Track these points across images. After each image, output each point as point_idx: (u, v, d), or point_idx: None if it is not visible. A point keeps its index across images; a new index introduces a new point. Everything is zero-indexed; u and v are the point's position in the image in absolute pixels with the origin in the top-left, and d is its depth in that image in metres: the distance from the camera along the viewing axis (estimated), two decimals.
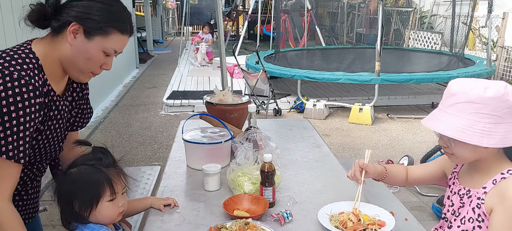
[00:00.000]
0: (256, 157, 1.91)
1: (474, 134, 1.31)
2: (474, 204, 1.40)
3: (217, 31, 4.35)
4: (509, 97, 1.32)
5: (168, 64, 11.41)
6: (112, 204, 1.43)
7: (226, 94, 2.45)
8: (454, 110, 1.36)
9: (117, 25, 1.41)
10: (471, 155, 1.40)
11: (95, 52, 1.40)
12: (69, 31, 1.36)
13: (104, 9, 1.39)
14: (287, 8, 11.31)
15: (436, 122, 1.39)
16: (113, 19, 1.41)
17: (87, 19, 1.36)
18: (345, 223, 1.54)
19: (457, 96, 1.35)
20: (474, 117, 1.32)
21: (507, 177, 1.35)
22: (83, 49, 1.39)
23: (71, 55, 1.40)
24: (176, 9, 20.35)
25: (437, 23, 10.85)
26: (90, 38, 1.38)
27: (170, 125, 6.00)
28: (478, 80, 1.38)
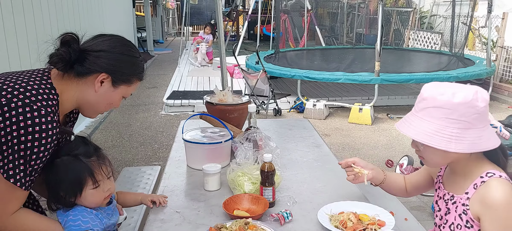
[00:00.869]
0: (256, 157, 1.92)
1: (442, 139, 1.32)
2: (460, 211, 1.40)
3: (217, 31, 4.35)
4: (478, 103, 1.32)
5: (168, 64, 11.41)
6: (96, 191, 1.50)
7: (226, 94, 2.45)
8: (424, 114, 1.37)
9: (139, 75, 1.57)
10: (442, 160, 1.42)
11: (117, 99, 1.55)
12: (97, 80, 1.46)
13: (131, 63, 1.53)
14: (287, 8, 11.32)
15: (407, 126, 1.40)
16: (137, 71, 1.56)
17: (117, 71, 1.48)
18: (345, 223, 1.54)
19: (427, 101, 1.36)
20: (443, 122, 1.32)
21: (486, 181, 1.34)
22: (107, 96, 1.51)
23: (94, 101, 1.50)
24: (176, 9, 20.35)
25: (437, 23, 10.85)
26: (116, 87, 1.51)
27: (170, 125, 6.00)
28: (449, 85, 1.37)
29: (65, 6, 4.97)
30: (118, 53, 1.49)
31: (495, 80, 7.69)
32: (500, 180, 1.33)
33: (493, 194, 1.30)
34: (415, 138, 1.36)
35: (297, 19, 11.63)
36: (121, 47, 1.51)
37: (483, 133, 1.33)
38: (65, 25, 4.85)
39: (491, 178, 1.34)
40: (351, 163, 1.73)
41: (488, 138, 1.34)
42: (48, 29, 4.24)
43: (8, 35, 3.43)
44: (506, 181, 1.33)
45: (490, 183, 1.33)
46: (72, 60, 1.42)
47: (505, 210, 1.29)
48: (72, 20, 5.27)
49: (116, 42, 1.51)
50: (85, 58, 1.44)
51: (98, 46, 1.47)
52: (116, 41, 1.52)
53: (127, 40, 1.58)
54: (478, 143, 1.32)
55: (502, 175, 1.35)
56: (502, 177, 1.34)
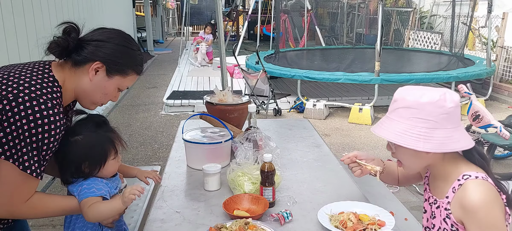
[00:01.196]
0: (256, 157, 1.91)
1: (410, 138, 1.34)
2: (443, 215, 1.41)
3: (217, 31, 4.35)
4: (445, 104, 1.34)
5: (168, 64, 11.41)
6: (115, 161, 1.66)
7: (226, 94, 2.45)
8: (395, 115, 1.41)
9: (135, 68, 1.57)
10: (415, 161, 1.43)
11: (112, 89, 1.55)
12: (92, 68, 1.48)
13: (127, 54, 1.54)
14: (287, 8, 11.32)
15: (379, 128, 1.44)
16: (133, 63, 1.56)
17: (111, 61, 1.50)
18: (345, 223, 1.54)
19: (397, 102, 1.41)
20: (411, 122, 1.35)
21: (463, 184, 1.35)
22: (102, 86, 1.52)
23: (89, 89, 1.51)
24: (176, 9, 20.35)
25: (437, 23, 10.85)
26: (110, 76, 1.51)
27: (170, 125, 6.00)
28: (419, 87, 1.41)
29: (65, 6, 4.97)
30: (114, 44, 1.51)
31: (495, 80, 7.69)
32: (476, 182, 1.33)
33: (470, 198, 1.31)
34: (385, 137, 1.40)
35: (297, 19, 11.63)
36: (118, 38, 1.53)
37: (454, 133, 1.35)
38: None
39: (468, 181, 1.34)
40: (353, 157, 1.73)
41: (458, 140, 1.35)
42: (48, 29, 4.24)
43: (8, 35, 3.43)
44: (482, 181, 1.33)
45: (466, 186, 1.34)
46: (70, 49, 1.47)
47: (484, 212, 1.29)
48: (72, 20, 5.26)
49: (114, 34, 1.54)
50: (82, 48, 1.48)
51: (96, 36, 1.51)
52: (114, 33, 1.54)
53: (127, 33, 1.59)
54: (447, 143, 1.33)
55: (479, 175, 1.35)
56: (478, 178, 1.34)
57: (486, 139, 3.83)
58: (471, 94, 3.83)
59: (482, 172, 1.37)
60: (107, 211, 1.55)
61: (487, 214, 1.29)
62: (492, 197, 1.31)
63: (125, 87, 1.59)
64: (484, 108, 3.80)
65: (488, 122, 3.69)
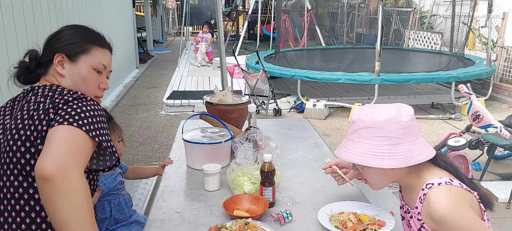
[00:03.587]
0: (256, 157, 1.91)
1: (374, 157, 1.35)
2: (418, 225, 1.41)
3: (217, 31, 4.35)
4: (402, 118, 1.36)
5: (168, 64, 11.41)
6: None
7: (226, 94, 2.45)
8: (356, 137, 1.41)
9: (93, 40, 1.54)
10: (382, 178, 1.45)
11: (87, 71, 1.52)
12: (55, 64, 1.49)
13: (76, 32, 1.54)
14: (287, 8, 11.32)
15: (343, 151, 1.44)
16: (87, 36, 1.55)
17: (65, 46, 1.50)
18: (345, 223, 1.54)
19: (356, 124, 1.41)
20: (373, 141, 1.37)
21: (427, 193, 1.35)
22: (75, 74, 1.51)
23: (70, 84, 1.50)
24: (176, 9, 20.35)
25: (437, 23, 10.85)
26: (75, 61, 1.50)
27: (170, 125, 6.00)
28: (373, 106, 1.43)
29: (64, 6, 4.97)
30: (62, 33, 1.53)
31: (495, 80, 7.68)
32: (438, 189, 1.33)
33: (435, 208, 1.31)
34: (350, 160, 1.41)
35: (297, 19, 11.63)
36: (66, 27, 1.56)
37: (414, 146, 1.37)
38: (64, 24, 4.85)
39: (431, 190, 1.34)
40: (334, 165, 1.72)
41: (420, 151, 1.37)
42: (48, 30, 4.24)
43: (8, 35, 3.43)
44: (444, 187, 1.33)
45: (429, 196, 1.34)
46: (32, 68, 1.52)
47: (452, 217, 1.28)
48: (72, 20, 5.27)
49: (62, 28, 1.56)
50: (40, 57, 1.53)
51: (46, 41, 1.55)
52: (62, 27, 1.57)
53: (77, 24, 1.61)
54: (410, 156, 1.35)
55: (441, 181, 1.35)
56: (441, 184, 1.34)
57: (486, 139, 3.83)
58: (471, 94, 3.83)
59: (446, 175, 1.37)
60: None
61: (455, 219, 1.28)
62: (456, 200, 1.31)
63: (100, 65, 1.56)
64: (484, 108, 3.80)
65: (488, 122, 3.70)
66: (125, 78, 9.17)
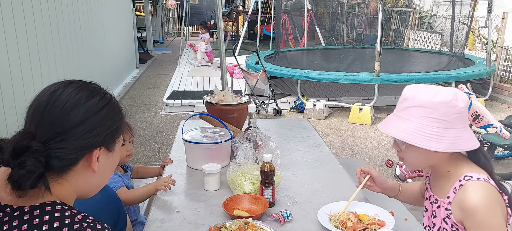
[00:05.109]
0: (256, 157, 1.91)
1: (423, 138, 1.33)
2: (444, 215, 1.40)
3: (216, 31, 4.35)
4: (458, 103, 1.34)
5: (168, 64, 11.41)
6: (122, 148, 1.87)
7: (226, 94, 2.45)
8: (405, 114, 1.39)
9: (123, 115, 1.17)
10: (422, 160, 1.42)
11: (118, 157, 1.18)
12: (93, 162, 1.06)
13: (113, 111, 1.12)
14: (287, 8, 11.31)
15: (388, 126, 1.42)
16: (120, 112, 1.16)
17: (106, 135, 1.08)
18: (345, 223, 1.54)
19: (408, 101, 1.39)
20: (423, 121, 1.34)
21: (464, 184, 1.34)
22: (109, 165, 1.14)
23: (98, 180, 1.14)
24: (176, 9, 20.36)
25: (437, 23, 10.85)
26: (112, 149, 1.13)
27: (170, 125, 6.00)
28: (429, 86, 1.40)
29: (64, 6, 4.97)
30: (97, 112, 1.06)
31: (495, 80, 7.68)
32: (477, 183, 1.33)
33: (470, 199, 1.30)
34: (396, 136, 1.38)
35: (297, 19, 11.63)
36: (93, 101, 1.06)
37: (463, 133, 1.35)
38: (64, 25, 4.85)
39: (469, 182, 1.34)
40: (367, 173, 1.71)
41: (468, 139, 1.35)
42: (48, 30, 4.24)
43: (8, 35, 3.43)
44: (483, 182, 1.33)
45: (467, 187, 1.33)
46: (44, 166, 0.98)
47: (484, 213, 1.29)
48: (72, 20, 5.27)
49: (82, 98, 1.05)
50: (60, 149, 1.00)
51: (67, 120, 1.01)
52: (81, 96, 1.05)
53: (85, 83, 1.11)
54: (457, 143, 1.34)
55: (480, 176, 1.34)
56: (480, 179, 1.33)
57: (486, 139, 3.83)
58: (471, 94, 3.83)
59: (484, 173, 1.37)
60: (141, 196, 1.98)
61: (486, 216, 1.29)
62: (493, 199, 1.31)
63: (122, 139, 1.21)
64: (484, 108, 3.80)
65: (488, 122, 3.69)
66: (125, 78, 9.17)
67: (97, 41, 6.72)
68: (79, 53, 5.46)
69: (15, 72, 3.46)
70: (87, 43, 5.99)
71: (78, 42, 5.47)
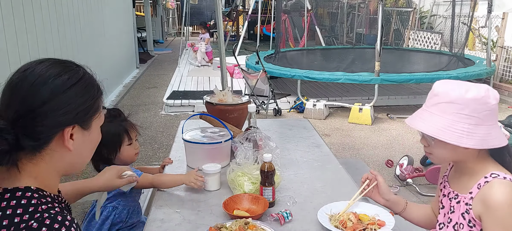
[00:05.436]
0: (256, 157, 1.91)
1: (453, 134, 1.33)
2: (463, 210, 1.40)
3: (216, 31, 4.35)
4: (489, 100, 1.33)
5: (168, 64, 11.41)
6: (130, 147, 2.03)
7: (226, 94, 2.45)
8: (436, 110, 1.38)
9: (99, 93, 1.14)
10: (450, 155, 1.42)
11: (97, 135, 1.17)
12: (66, 140, 1.05)
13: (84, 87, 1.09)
14: (287, 8, 11.32)
15: (418, 121, 1.42)
16: (96, 88, 1.13)
17: (79, 113, 1.07)
18: (345, 223, 1.54)
19: (439, 97, 1.38)
20: (454, 117, 1.34)
21: (490, 181, 1.35)
22: (88, 143, 1.14)
23: (76, 159, 1.13)
24: (176, 9, 20.36)
25: (437, 23, 10.86)
26: (88, 127, 1.11)
27: (170, 125, 6.00)
28: (460, 82, 1.40)
29: (64, 6, 4.97)
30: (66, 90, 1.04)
31: (495, 80, 7.69)
32: (503, 182, 1.33)
33: (494, 195, 1.31)
34: (427, 132, 1.37)
35: (297, 19, 11.63)
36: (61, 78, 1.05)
37: (492, 130, 1.35)
38: (64, 25, 4.85)
39: (495, 179, 1.34)
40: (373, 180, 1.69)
41: (496, 136, 1.35)
42: (48, 29, 4.24)
43: (8, 35, 3.44)
44: (510, 182, 1.33)
45: (493, 184, 1.33)
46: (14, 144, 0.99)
47: (505, 211, 1.29)
48: (72, 20, 5.27)
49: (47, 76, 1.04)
50: (30, 128, 1.00)
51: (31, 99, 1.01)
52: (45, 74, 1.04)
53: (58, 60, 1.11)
54: (487, 139, 1.33)
55: (507, 176, 1.35)
56: (506, 179, 1.34)
57: None
58: None
59: (508, 173, 1.37)
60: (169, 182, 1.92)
61: (508, 214, 1.29)
62: None
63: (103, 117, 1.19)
64: None
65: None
66: (125, 78, 9.17)
67: (97, 41, 6.72)
68: (79, 53, 5.46)
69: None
70: (87, 43, 5.99)
71: (78, 42, 5.47)
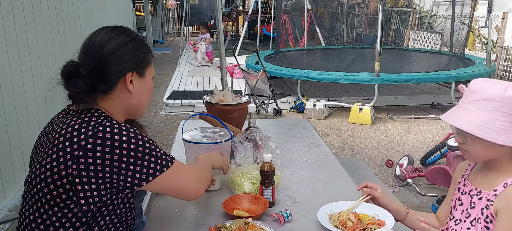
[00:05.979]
0: (255, 157, 1.91)
1: (491, 131, 1.34)
2: (483, 205, 1.41)
3: (216, 31, 4.35)
4: None
5: (168, 64, 11.41)
6: None
7: (225, 94, 2.45)
8: (473, 106, 1.39)
9: (150, 51, 1.54)
10: (485, 153, 1.42)
11: (151, 83, 1.55)
12: (127, 83, 1.44)
13: (138, 45, 1.49)
14: (287, 8, 11.32)
15: (455, 117, 1.42)
16: (147, 47, 1.53)
17: (137, 62, 1.46)
18: (345, 223, 1.54)
19: (477, 94, 1.39)
20: (492, 115, 1.35)
21: None
22: (144, 89, 1.52)
23: (137, 101, 1.51)
24: (176, 9, 20.37)
25: (437, 23, 10.86)
26: (144, 75, 1.50)
27: (170, 125, 6.00)
28: (498, 80, 1.41)
29: (64, 6, 4.97)
30: (124, 47, 1.43)
31: None
32: None
33: None
34: (464, 128, 1.38)
35: (297, 19, 11.63)
36: (119, 37, 1.44)
37: None
38: (64, 25, 4.85)
39: None
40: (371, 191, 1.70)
41: None
42: (48, 29, 4.24)
43: (8, 35, 3.43)
44: None
45: None
46: (91, 86, 1.38)
47: None
48: (72, 20, 5.27)
49: (110, 36, 1.44)
50: (101, 73, 1.40)
51: (100, 54, 1.41)
52: (110, 35, 1.44)
53: (116, 26, 1.52)
54: None
55: None
56: None
57: None
58: None
59: None
60: None
61: None
62: None
63: (154, 72, 1.59)
64: None
65: None
66: None
67: None
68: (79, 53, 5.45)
69: (15, 72, 3.46)
70: None
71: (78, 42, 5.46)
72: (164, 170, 1.39)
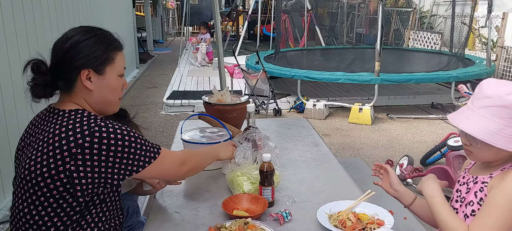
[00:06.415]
0: (255, 157, 1.91)
1: (503, 138, 1.33)
2: (477, 188, 1.42)
3: (214, 31, 4.35)
4: None
5: (168, 64, 11.41)
6: None
7: (224, 94, 2.45)
8: (485, 112, 1.37)
9: (114, 48, 1.53)
10: (492, 157, 1.42)
11: (114, 81, 1.53)
12: (83, 80, 1.45)
13: (97, 43, 1.47)
14: (287, 8, 11.32)
15: (465, 121, 1.40)
16: (109, 44, 1.51)
17: (90, 60, 1.45)
18: (344, 222, 1.54)
19: (492, 99, 1.36)
20: (505, 122, 1.34)
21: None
22: (104, 86, 1.50)
23: (99, 98, 1.51)
24: (176, 9, 20.37)
25: (437, 23, 10.85)
26: (102, 72, 1.48)
27: (170, 125, 6.00)
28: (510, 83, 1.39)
29: (64, 6, 4.97)
30: (81, 44, 1.44)
31: None
32: None
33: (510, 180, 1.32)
34: (478, 136, 1.36)
35: (297, 19, 11.64)
36: (78, 35, 1.46)
37: None
38: (64, 25, 4.85)
39: None
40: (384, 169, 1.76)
41: None
42: (48, 29, 4.24)
43: (8, 35, 3.44)
44: None
45: None
46: (49, 81, 1.45)
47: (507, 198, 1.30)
48: (72, 20, 5.27)
49: (73, 34, 1.46)
50: (59, 71, 1.45)
51: (60, 51, 1.45)
52: (72, 33, 1.47)
53: (84, 26, 1.53)
54: None
55: None
56: None
57: None
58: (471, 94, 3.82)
59: None
60: None
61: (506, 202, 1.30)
62: None
63: (122, 69, 1.57)
64: None
65: None
66: (125, 78, 9.17)
67: None
68: None
69: (15, 73, 3.46)
70: None
71: None
72: (152, 161, 1.48)
